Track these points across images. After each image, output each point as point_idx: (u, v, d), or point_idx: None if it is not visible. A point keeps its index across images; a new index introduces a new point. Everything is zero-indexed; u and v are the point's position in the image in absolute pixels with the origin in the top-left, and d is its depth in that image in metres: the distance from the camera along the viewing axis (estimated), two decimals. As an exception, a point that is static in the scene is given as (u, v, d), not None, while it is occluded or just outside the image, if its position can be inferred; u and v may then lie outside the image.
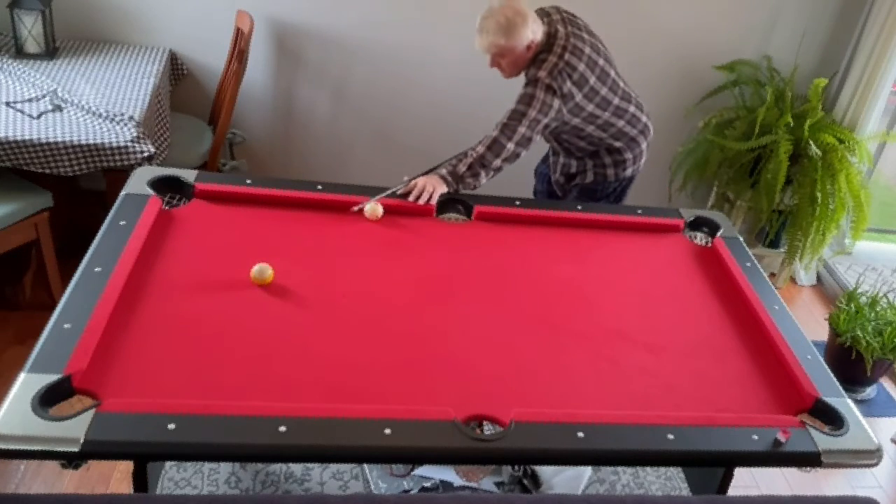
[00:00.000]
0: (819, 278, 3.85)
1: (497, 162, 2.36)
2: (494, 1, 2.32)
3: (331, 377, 1.64)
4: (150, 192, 2.10)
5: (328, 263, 2.01)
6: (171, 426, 1.43)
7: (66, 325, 1.59)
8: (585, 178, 2.69)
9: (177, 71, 3.33)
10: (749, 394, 1.80)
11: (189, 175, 2.20)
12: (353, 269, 2.00)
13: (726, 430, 1.64)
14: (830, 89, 3.51)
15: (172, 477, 2.25)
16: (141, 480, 1.68)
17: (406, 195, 2.30)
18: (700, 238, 2.43)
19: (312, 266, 1.98)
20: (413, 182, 2.32)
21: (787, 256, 3.51)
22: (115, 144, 2.52)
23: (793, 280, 3.82)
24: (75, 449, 1.37)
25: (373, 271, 2.01)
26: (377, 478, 2.31)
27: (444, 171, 2.37)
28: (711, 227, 2.42)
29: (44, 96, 2.71)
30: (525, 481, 2.35)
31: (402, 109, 3.55)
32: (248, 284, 1.87)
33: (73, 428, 1.39)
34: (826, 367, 1.88)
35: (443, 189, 2.32)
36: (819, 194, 3.28)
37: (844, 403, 1.76)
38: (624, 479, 2.48)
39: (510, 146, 2.34)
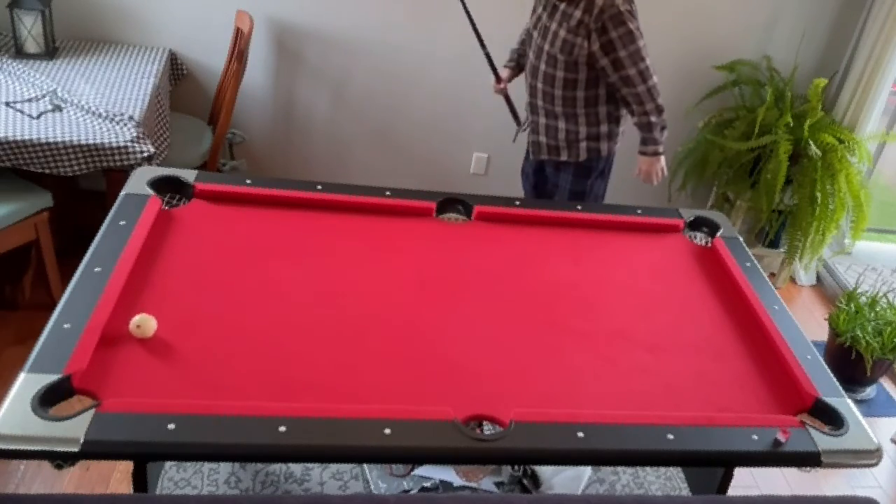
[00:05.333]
0: (819, 278, 3.85)
1: (659, 100, 2.55)
2: None
3: (331, 377, 1.64)
4: (150, 192, 2.09)
5: (328, 263, 2.01)
6: (171, 426, 1.43)
7: (65, 325, 1.59)
8: (579, 156, 2.70)
9: (177, 71, 3.33)
10: (749, 394, 1.80)
11: (189, 175, 2.20)
12: (353, 269, 2.00)
13: (726, 430, 1.63)
14: (830, 89, 3.51)
15: (172, 477, 2.25)
16: (141, 480, 1.68)
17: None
18: (700, 238, 2.43)
19: (312, 266, 1.98)
20: (639, 170, 2.69)
21: (787, 256, 3.52)
22: (115, 144, 2.52)
23: (793, 280, 3.82)
24: (75, 449, 1.37)
25: (373, 271, 2.01)
26: (377, 478, 2.31)
27: (652, 148, 2.63)
28: (711, 227, 2.42)
29: (44, 96, 2.71)
30: (525, 481, 2.35)
31: (401, 109, 3.55)
32: (248, 284, 1.87)
33: (73, 428, 1.39)
34: (826, 367, 1.88)
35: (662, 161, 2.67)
36: (819, 194, 3.28)
37: (844, 403, 1.76)
38: (624, 479, 2.48)
39: (651, 82, 2.51)
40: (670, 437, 1.59)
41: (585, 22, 2.43)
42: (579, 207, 2.40)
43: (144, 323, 1.64)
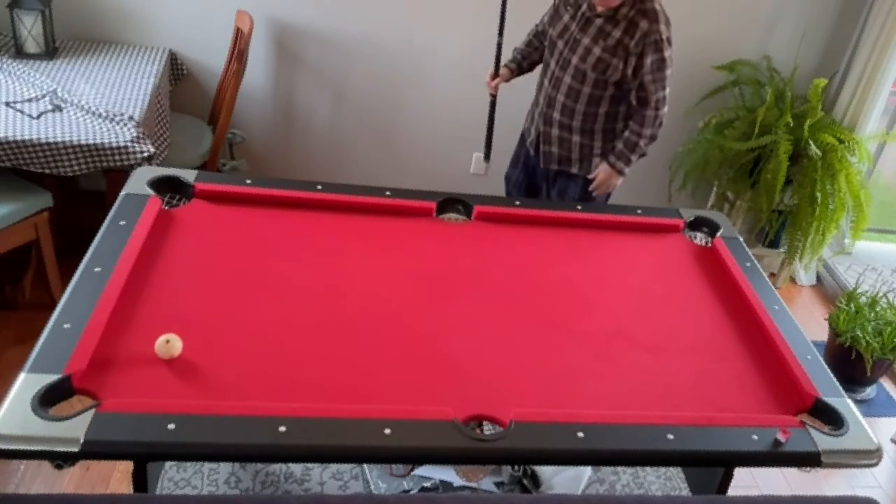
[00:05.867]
0: (819, 278, 3.85)
1: (657, 132, 2.53)
2: None
3: (331, 377, 1.65)
4: (150, 192, 2.10)
5: (328, 263, 2.01)
6: (171, 426, 1.43)
7: (66, 325, 1.60)
8: (590, 171, 2.66)
9: (177, 71, 3.33)
10: (749, 394, 1.80)
11: (189, 175, 2.20)
12: (353, 269, 2.00)
13: (726, 430, 1.64)
14: (830, 89, 3.51)
15: (172, 477, 2.25)
16: (141, 480, 1.68)
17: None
18: (700, 238, 2.43)
19: (312, 266, 1.98)
20: (596, 174, 2.61)
21: (787, 256, 3.52)
22: (115, 144, 2.52)
23: (793, 280, 3.82)
24: (75, 449, 1.37)
25: (373, 271, 2.01)
26: (377, 478, 2.31)
27: (621, 166, 2.57)
28: (711, 227, 2.42)
29: (44, 96, 2.71)
30: (525, 481, 2.35)
31: (401, 109, 3.55)
32: (248, 284, 1.87)
33: (73, 428, 1.39)
34: (826, 367, 1.88)
35: (619, 182, 2.63)
36: (819, 194, 3.28)
37: (844, 403, 1.76)
38: (624, 479, 2.48)
39: (662, 112, 2.50)
40: (670, 437, 1.59)
41: (625, 43, 2.39)
42: (579, 207, 2.40)
43: (167, 347, 1.61)
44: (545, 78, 2.63)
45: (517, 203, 2.36)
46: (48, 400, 1.44)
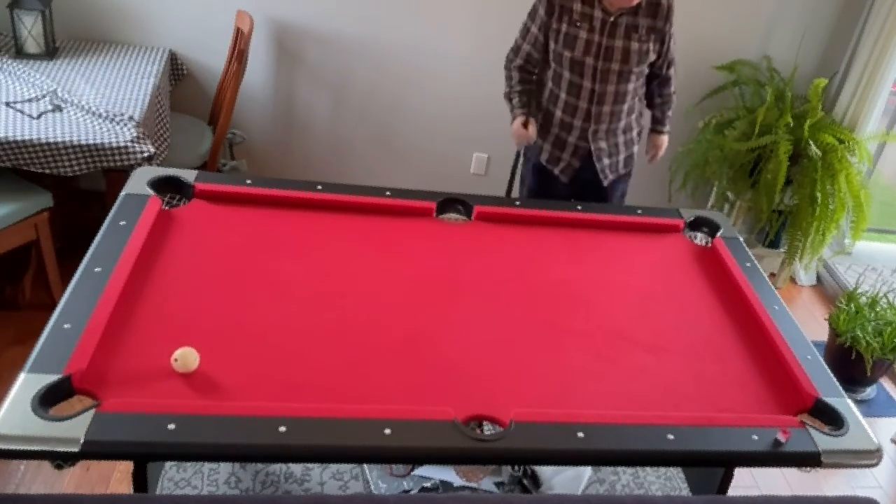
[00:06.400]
0: (819, 278, 3.85)
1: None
2: None
3: (331, 377, 1.65)
4: (150, 192, 2.10)
5: (328, 264, 2.01)
6: (171, 426, 1.43)
7: (66, 325, 1.60)
8: (632, 160, 2.76)
9: (177, 71, 3.33)
10: (749, 394, 1.80)
11: (189, 175, 2.20)
12: (353, 269, 2.00)
13: (726, 430, 1.64)
14: (830, 89, 3.51)
15: (172, 477, 2.25)
16: (141, 480, 1.68)
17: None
18: (700, 238, 2.43)
19: (312, 266, 1.98)
20: (654, 147, 2.80)
21: (787, 256, 3.52)
22: (115, 144, 2.52)
23: (793, 280, 3.82)
24: (75, 449, 1.37)
25: (373, 271, 2.01)
26: (377, 478, 2.32)
27: (668, 127, 2.77)
28: (711, 227, 2.42)
29: (44, 96, 2.71)
30: (525, 481, 2.35)
31: (402, 109, 3.55)
32: (248, 284, 1.87)
33: (73, 428, 1.39)
34: (826, 367, 1.88)
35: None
36: (819, 194, 3.28)
37: (844, 403, 1.76)
38: (624, 479, 2.48)
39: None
40: (670, 437, 1.59)
41: (653, 25, 2.46)
42: (579, 207, 2.40)
43: (185, 358, 1.59)
44: (580, 100, 2.55)
45: (517, 203, 2.36)
46: (48, 400, 1.44)
